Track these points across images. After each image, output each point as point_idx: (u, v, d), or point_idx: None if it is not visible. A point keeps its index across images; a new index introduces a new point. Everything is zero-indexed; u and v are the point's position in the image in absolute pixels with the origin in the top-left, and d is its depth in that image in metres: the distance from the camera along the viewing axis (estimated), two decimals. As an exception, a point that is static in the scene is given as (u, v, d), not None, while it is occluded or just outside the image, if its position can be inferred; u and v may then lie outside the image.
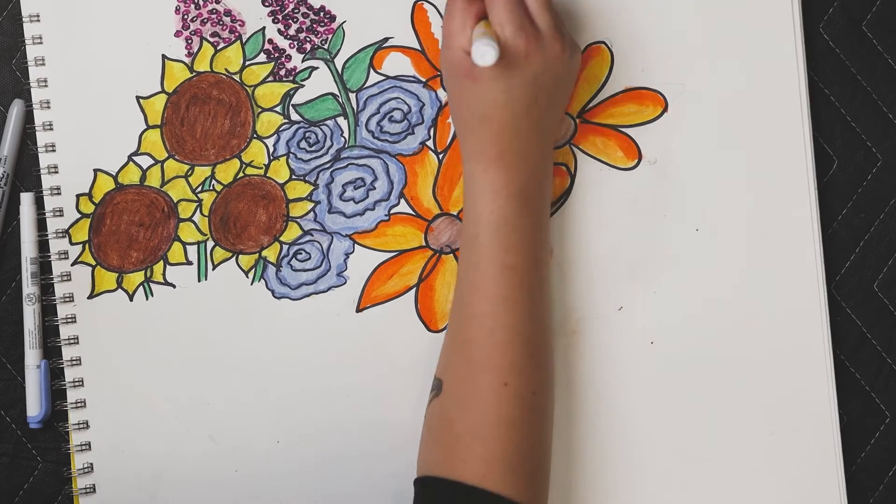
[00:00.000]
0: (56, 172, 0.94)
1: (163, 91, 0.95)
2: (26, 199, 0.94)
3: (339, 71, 0.96)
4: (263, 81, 0.96)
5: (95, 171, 0.95)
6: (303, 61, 0.96)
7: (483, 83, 0.87)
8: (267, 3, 0.96)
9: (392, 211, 0.96)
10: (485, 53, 0.81)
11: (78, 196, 0.94)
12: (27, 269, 0.94)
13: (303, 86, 0.96)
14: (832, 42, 1.00)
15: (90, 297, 0.95)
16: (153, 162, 0.95)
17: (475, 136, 0.89)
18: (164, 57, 0.95)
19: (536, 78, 0.87)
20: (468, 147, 0.90)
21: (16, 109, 0.95)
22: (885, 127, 1.00)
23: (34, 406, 0.94)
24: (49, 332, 0.95)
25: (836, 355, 0.99)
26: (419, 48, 0.96)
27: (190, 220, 0.95)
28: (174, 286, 0.95)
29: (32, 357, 0.94)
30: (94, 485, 0.94)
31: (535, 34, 0.87)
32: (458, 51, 0.88)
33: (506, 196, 0.88)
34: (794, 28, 0.98)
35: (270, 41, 0.96)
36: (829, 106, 1.00)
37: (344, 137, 0.96)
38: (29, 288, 0.94)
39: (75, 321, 0.94)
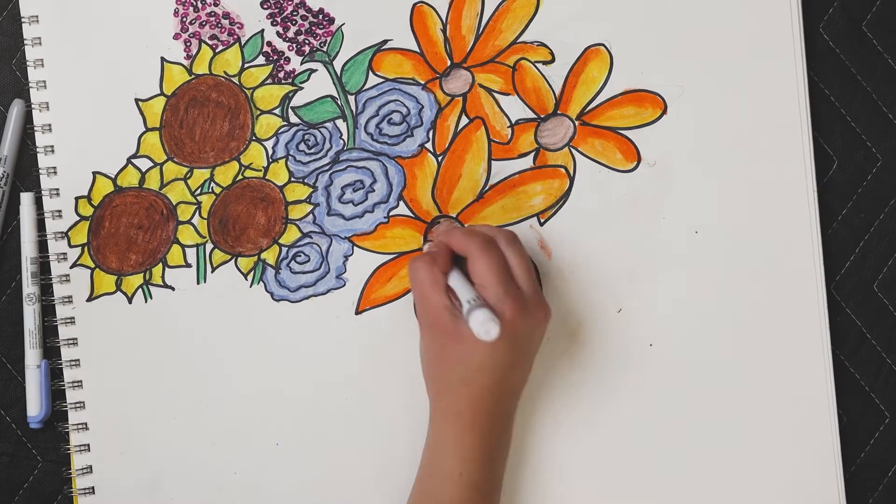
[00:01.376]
0: (55, 174, 0.94)
1: (162, 93, 0.95)
2: (26, 198, 0.94)
3: (338, 73, 0.96)
4: (262, 84, 0.95)
5: (94, 173, 0.95)
6: (302, 64, 0.96)
7: (468, 346, 0.85)
8: (266, 6, 0.96)
9: (391, 213, 0.96)
10: (490, 330, 0.80)
11: (77, 198, 0.94)
12: (27, 268, 0.94)
13: (302, 88, 0.96)
14: (832, 42, 1.00)
15: (89, 299, 0.95)
16: (152, 164, 0.95)
17: (451, 397, 0.88)
18: (162, 59, 0.95)
19: (520, 343, 0.87)
20: (441, 406, 0.89)
21: (16, 109, 0.95)
22: (885, 127, 1.00)
23: (34, 406, 0.94)
24: (49, 332, 0.95)
25: (836, 355, 0.99)
26: (418, 50, 0.96)
27: (189, 222, 0.95)
28: (173, 289, 0.95)
29: (32, 357, 0.94)
30: (93, 486, 0.95)
31: (521, 299, 0.86)
32: (440, 308, 0.86)
33: (478, 461, 0.88)
34: (794, 28, 0.97)
35: (269, 43, 0.96)
36: (829, 106, 1.00)
37: (343, 140, 0.96)
38: (29, 288, 0.94)
39: (74, 323, 0.94)
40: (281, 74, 0.96)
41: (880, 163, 1.00)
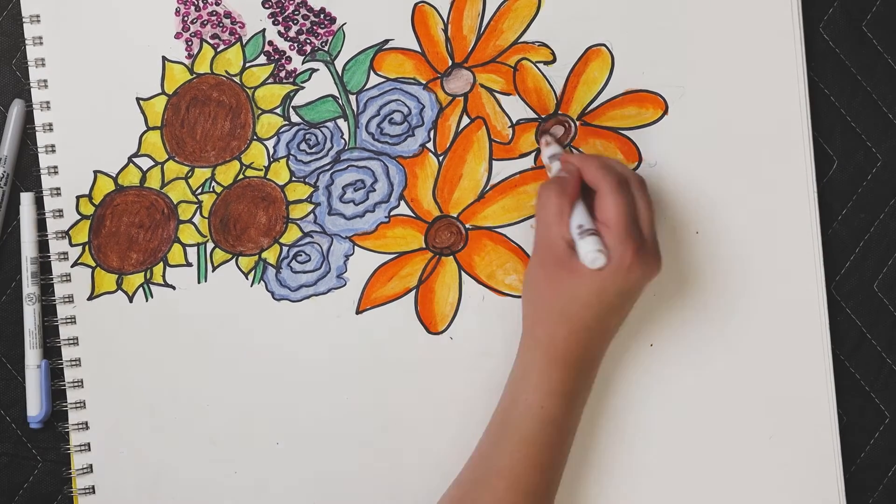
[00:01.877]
0: (56, 174, 0.94)
1: (163, 93, 0.95)
2: (26, 198, 0.94)
3: (340, 73, 0.96)
4: (263, 83, 0.95)
5: (95, 172, 0.95)
6: (303, 63, 0.96)
7: (578, 279, 0.85)
8: (267, 5, 0.96)
9: (392, 213, 0.96)
10: (596, 259, 0.81)
11: (78, 197, 0.94)
12: (27, 268, 0.94)
13: (303, 87, 0.96)
14: (832, 42, 1.00)
15: (90, 298, 0.95)
16: (153, 163, 0.95)
17: (547, 327, 0.88)
18: (164, 59, 0.95)
19: (630, 289, 0.87)
20: (536, 335, 0.89)
21: (16, 109, 0.95)
22: (885, 127, 1.00)
23: (34, 406, 0.94)
24: (49, 332, 0.95)
25: (836, 355, 0.99)
26: (419, 50, 0.96)
27: (190, 221, 0.95)
28: (174, 288, 0.95)
29: (32, 357, 0.94)
30: (93, 486, 0.95)
31: (642, 246, 0.86)
32: (558, 239, 0.87)
33: (560, 395, 0.87)
34: (794, 29, 0.98)
35: (270, 43, 0.96)
36: (829, 106, 1.00)
37: (344, 139, 0.96)
38: (29, 288, 0.94)
39: (75, 322, 0.94)
40: (282, 74, 0.96)
41: (880, 163, 1.00)
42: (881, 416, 1.00)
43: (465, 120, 0.96)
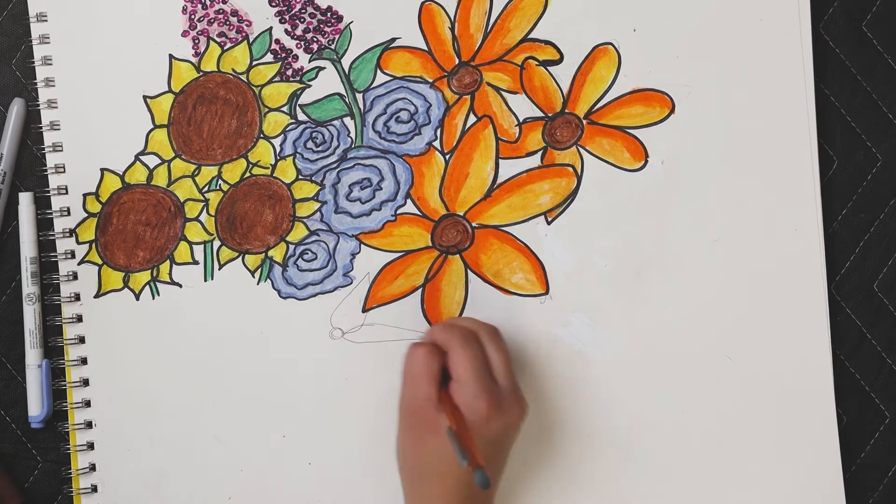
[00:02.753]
0: (63, 172, 0.94)
1: (170, 91, 0.95)
2: (24, 198, 0.94)
3: (346, 71, 0.96)
4: (270, 81, 0.95)
5: (102, 170, 0.94)
6: (310, 61, 0.96)
7: (443, 438, 0.85)
8: (274, 4, 0.96)
9: (398, 211, 0.96)
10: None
11: (84, 195, 0.94)
12: (26, 268, 0.94)
13: (310, 86, 0.96)
14: (832, 42, 1.00)
15: (96, 296, 0.94)
16: (160, 161, 0.95)
17: (426, 489, 0.87)
18: (171, 56, 0.95)
19: (495, 439, 0.87)
20: (415, 498, 0.88)
21: (16, 108, 0.94)
22: (885, 127, 1.01)
23: (35, 406, 0.94)
24: (50, 332, 0.94)
25: (836, 355, 0.99)
26: (426, 49, 0.96)
27: (196, 219, 0.95)
28: (180, 285, 0.95)
29: (33, 357, 0.94)
30: (95, 484, 0.94)
31: (497, 397, 0.86)
32: (426, 400, 0.86)
33: None
34: (801, 29, 0.98)
35: (277, 41, 0.96)
36: (829, 106, 1.00)
37: (350, 138, 0.96)
38: (29, 288, 0.94)
39: (81, 320, 0.94)
40: (289, 72, 0.96)
41: (880, 163, 1.01)
42: (881, 416, 1.00)
43: (472, 118, 0.96)
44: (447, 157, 0.96)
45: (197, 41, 0.95)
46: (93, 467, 0.94)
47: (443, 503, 0.86)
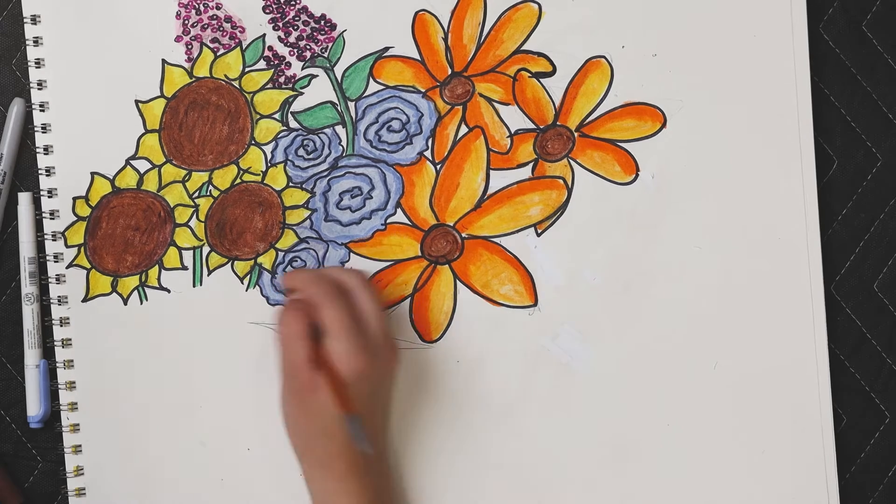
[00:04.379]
0: (53, 174, 0.94)
1: (162, 96, 0.95)
2: (24, 198, 0.94)
3: (339, 79, 0.96)
4: (263, 88, 0.95)
5: (92, 174, 0.95)
6: (302, 69, 0.96)
7: (323, 395, 0.85)
8: (268, 11, 0.96)
9: (388, 220, 0.96)
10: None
11: (74, 199, 0.94)
12: (25, 268, 0.94)
13: (302, 93, 0.96)
14: (832, 42, 1.00)
15: (84, 300, 0.95)
16: (150, 166, 0.95)
17: (318, 450, 0.87)
18: (163, 61, 0.95)
19: (375, 389, 0.88)
20: (312, 461, 0.88)
21: (16, 108, 0.95)
22: (885, 127, 1.00)
23: (34, 406, 0.94)
24: (49, 332, 0.95)
25: (836, 355, 0.99)
26: (419, 58, 0.96)
27: (186, 225, 0.95)
28: (169, 291, 0.95)
29: (32, 357, 0.94)
30: (85, 487, 0.95)
31: (371, 348, 0.87)
32: (299, 360, 0.86)
33: (369, 500, 0.87)
34: (794, 44, 0.98)
35: (270, 48, 0.96)
36: (829, 106, 1.00)
37: (342, 146, 0.96)
38: (28, 288, 0.94)
39: (69, 324, 0.94)
40: (281, 79, 0.96)
41: (880, 163, 1.00)
42: (881, 416, 1.00)
43: (464, 129, 0.96)
44: (438, 167, 0.96)
45: (190, 46, 0.95)
46: (82, 470, 0.95)
47: (340, 462, 0.87)
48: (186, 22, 0.95)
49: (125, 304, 0.95)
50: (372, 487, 0.88)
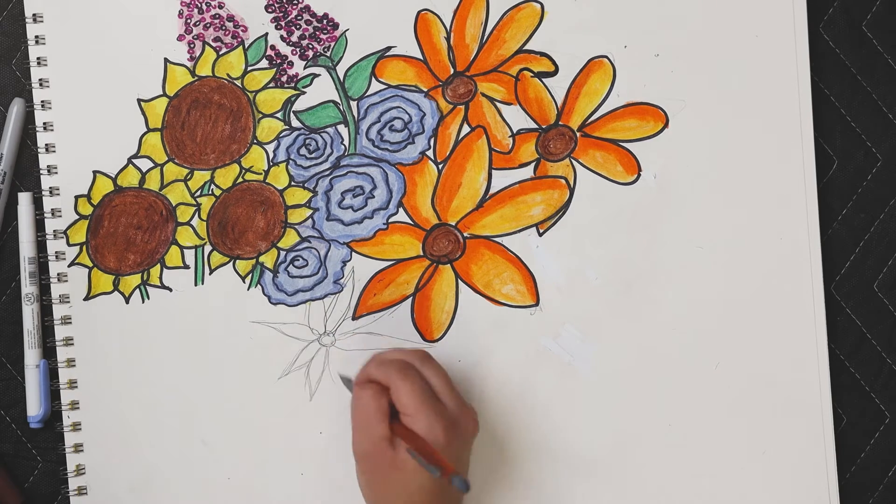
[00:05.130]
0: (55, 173, 0.94)
1: (164, 94, 0.95)
2: (24, 198, 0.94)
3: (341, 79, 0.96)
4: (265, 87, 0.95)
5: (95, 172, 0.95)
6: (305, 68, 0.96)
7: (406, 473, 0.85)
8: (270, 10, 0.96)
9: (390, 220, 0.96)
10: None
11: (76, 197, 0.94)
12: (25, 268, 0.94)
13: (304, 93, 0.96)
14: (832, 42, 1.00)
15: (86, 298, 0.94)
16: (153, 165, 0.95)
17: None
18: (166, 60, 0.95)
19: (458, 458, 0.87)
20: None
21: (16, 108, 0.95)
22: (885, 127, 1.01)
23: (34, 406, 0.94)
24: (49, 332, 0.95)
25: (836, 355, 0.99)
26: (421, 58, 0.96)
27: (188, 224, 0.95)
28: (171, 290, 0.95)
29: (32, 357, 0.94)
30: (86, 486, 0.94)
31: (450, 419, 0.86)
32: (381, 440, 0.86)
33: None
34: (797, 45, 0.98)
35: (273, 47, 0.96)
36: (829, 106, 1.00)
37: (344, 145, 0.96)
38: (28, 288, 0.94)
39: (71, 322, 0.94)
40: (284, 78, 0.96)
41: (880, 163, 1.00)
42: (881, 416, 1.00)
43: (466, 128, 0.96)
44: (440, 166, 0.96)
45: (192, 45, 0.95)
46: (83, 469, 0.94)
47: None
48: (189, 21, 0.95)
49: (127, 302, 0.95)
50: None
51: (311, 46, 0.96)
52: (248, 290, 0.95)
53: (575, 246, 0.97)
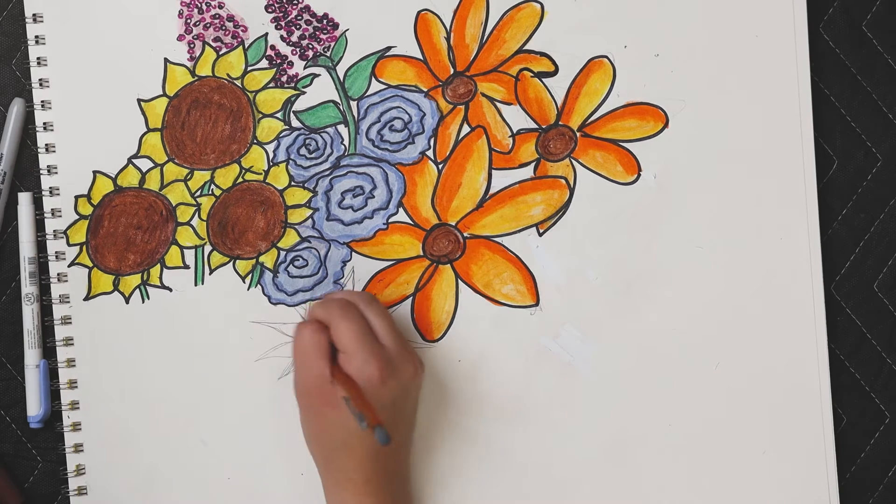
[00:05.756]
0: (55, 173, 0.94)
1: (164, 94, 0.95)
2: (24, 198, 0.94)
3: (341, 79, 0.96)
4: (265, 87, 0.96)
5: (95, 172, 0.94)
6: (305, 68, 0.96)
7: (343, 412, 0.85)
8: (270, 10, 0.96)
9: (390, 220, 0.96)
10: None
11: (76, 197, 0.94)
12: (25, 268, 0.94)
13: (304, 93, 0.96)
14: (832, 42, 1.00)
15: (86, 298, 0.94)
16: (153, 165, 0.95)
17: (338, 463, 0.88)
18: (166, 60, 0.95)
19: (394, 402, 0.87)
20: (332, 476, 0.89)
21: (15, 108, 0.95)
22: (885, 127, 1.01)
23: (34, 406, 0.94)
24: (49, 332, 0.95)
25: (836, 355, 0.99)
26: (421, 58, 0.96)
27: (188, 224, 0.95)
28: (171, 290, 0.95)
29: (32, 357, 0.94)
30: (86, 486, 0.94)
31: (387, 359, 0.87)
32: (318, 377, 0.86)
33: None
34: (797, 45, 0.98)
35: (273, 47, 0.96)
36: (829, 106, 1.00)
37: (344, 145, 0.96)
38: (28, 288, 0.94)
39: (71, 322, 0.94)
40: (284, 78, 0.96)
41: (880, 163, 1.00)
42: (881, 416, 1.00)
43: (466, 128, 0.96)
44: (440, 166, 0.96)
45: (192, 45, 0.95)
46: (84, 469, 0.94)
47: (358, 475, 0.87)
48: (189, 21, 0.95)
49: (127, 302, 0.95)
50: (390, 501, 0.88)
51: (311, 46, 0.96)
52: (248, 290, 0.95)
53: (575, 246, 0.97)
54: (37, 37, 0.94)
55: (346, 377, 0.85)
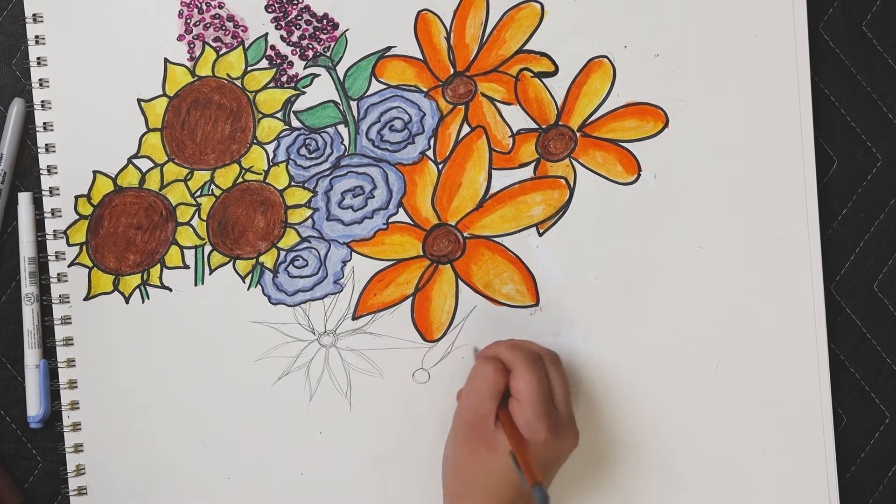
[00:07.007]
0: (55, 173, 0.94)
1: (164, 94, 0.95)
2: (24, 198, 0.94)
3: (341, 79, 0.96)
4: (265, 87, 0.96)
5: (95, 172, 0.95)
6: (305, 68, 0.96)
7: (497, 456, 0.86)
8: (270, 10, 0.96)
9: (390, 220, 0.96)
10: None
11: (76, 197, 0.94)
12: (25, 268, 0.94)
13: (304, 93, 0.96)
14: (832, 42, 1.00)
15: (86, 298, 0.95)
16: (153, 165, 0.95)
17: (469, 501, 0.87)
18: (166, 60, 0.95)
19: (546, 464, 0.88)
20: None
21: (15, 108, 0.95)
22: (885, 127, 1.01)
23: (34, 406, 0.94)
24: (49, 332, 0.95)
25: (836, 355, 0.99)
26: (421, 58, 0.96)
27: (188, 224, 0.95)
28: (170, 290, 0.95)
29: (32, 357, 0.94)
30: (86, 486, 0.94)
31: (556, 424, 0.87)
32: (488, 415, 0.87)
33: None
34: (797, 45, 0.98)
35: (273, 47, 0.96)
36: (829, 106, 1.00)
37: (344, 145, 0.96)
38: (28, 288, 0.94)
39: (71, 322, 0.94)
40: (284, 78, 0.96)
41: (880, 163, 1.00)
42: (881, 416, 1.00)
43: (466, 128, 0.96)
44: (440, 166, 0.96)
45: (192, 45, 0.95)
46: (83, 469, 0.95)
47: None
48: (189, 21, 0.95)
49: (127, 302, 0.95)
50: None
51: (311, 46, 0.96)
52: (248, 290, 0.95)
53: (575, 246, 0.97)
54: (37, 37, 0.94)
55: (513, 427, 0.86)
